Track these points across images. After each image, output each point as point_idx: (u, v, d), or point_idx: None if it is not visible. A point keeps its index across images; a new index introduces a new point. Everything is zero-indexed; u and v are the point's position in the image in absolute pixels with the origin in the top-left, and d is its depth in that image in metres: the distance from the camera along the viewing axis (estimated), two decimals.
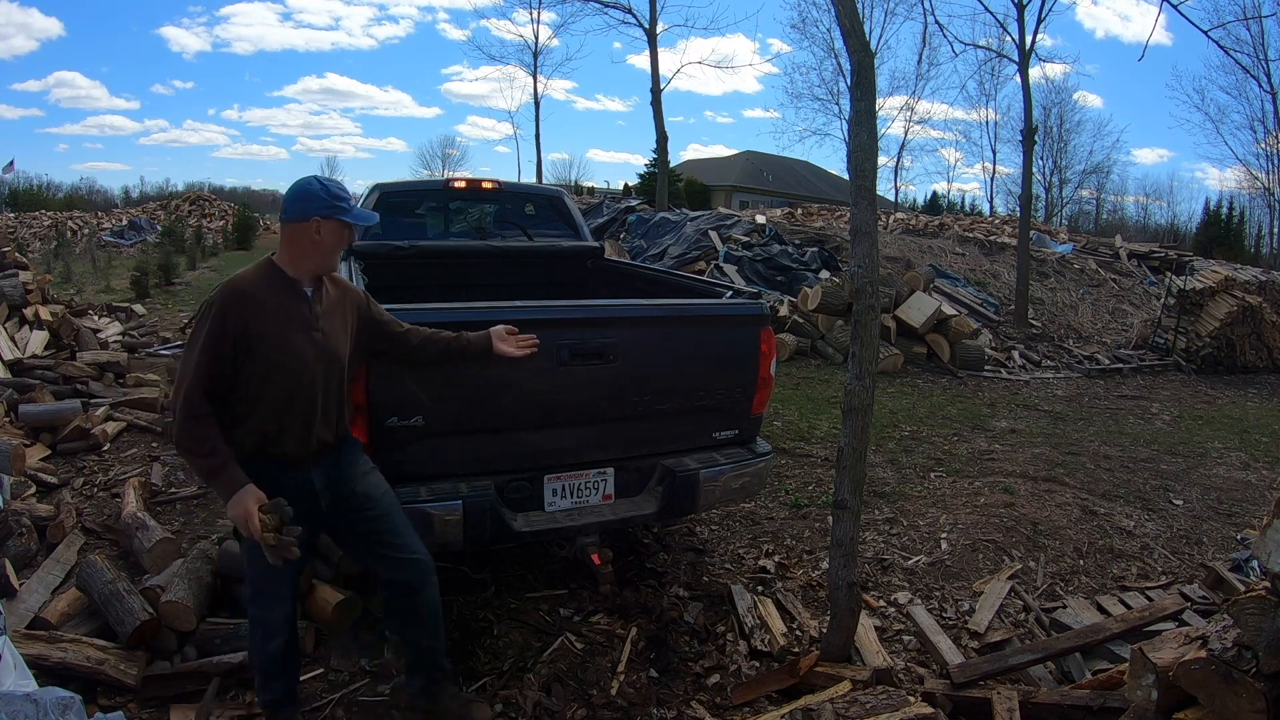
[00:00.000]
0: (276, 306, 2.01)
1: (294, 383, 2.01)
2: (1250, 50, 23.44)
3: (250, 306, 1.97)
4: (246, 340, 1.95)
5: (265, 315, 1.98)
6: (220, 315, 1.94)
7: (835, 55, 28.26)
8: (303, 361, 2.02)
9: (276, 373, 1.99)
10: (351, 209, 2.07)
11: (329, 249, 2.07)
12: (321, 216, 2.02)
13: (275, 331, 1.98)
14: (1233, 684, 1.81)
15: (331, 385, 2.10)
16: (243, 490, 1.91)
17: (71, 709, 1.93)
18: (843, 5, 2.52)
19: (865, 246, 2.55)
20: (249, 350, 1.95)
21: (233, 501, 1.91)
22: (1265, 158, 29.15)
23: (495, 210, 5.37)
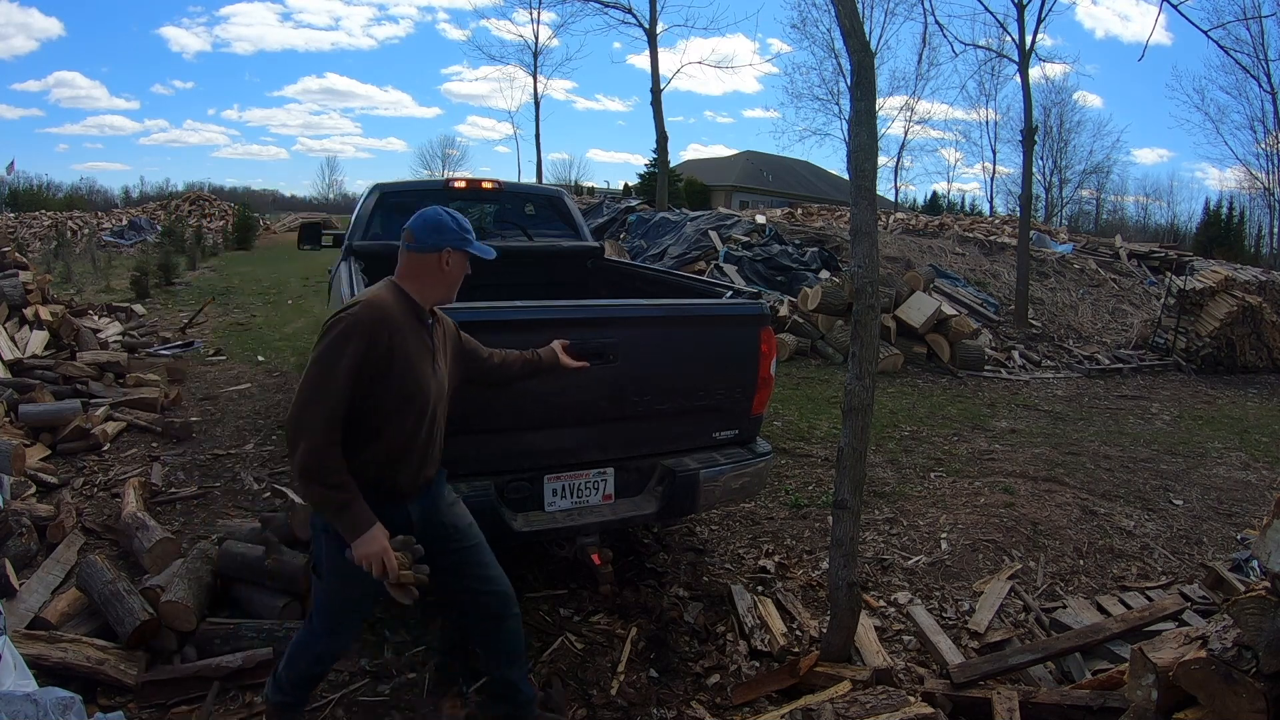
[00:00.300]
0: (411, 333, 1.94)
1: (418, 416, 1.94)
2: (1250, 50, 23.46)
3: (394, 329, 1.88)
4: (387, 365, 1.86)
5: (404, 341, 1.90)
6: (369, 334, 1.83)
7: (835, 55, 28.26)
8: (426, 394, 1.96)
9: (407, 404, 1.91)
10: (474, 242, 2.06)
11: (454, 280, 2.03)
12: (453, 247, 2.00)
13: (410, 360, 1.91)
14: (1233, 684, 1.81)
15: (441, 420, 2.06)
16: (375, 528, 1.81)
17: (71, 709, 1.93)
18: (843, 5, 2.52)
19: (865, 246, 2.55)
20: (384, 377, 1.86)
21: (364, 540, 1.80)
22: (1265, 158, 29.19)
23: (495, 210, 5.37)
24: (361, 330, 1.82)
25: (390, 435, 1.91)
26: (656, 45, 20.53)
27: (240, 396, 5.91)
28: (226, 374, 6.63)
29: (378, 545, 1.80)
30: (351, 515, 1.80)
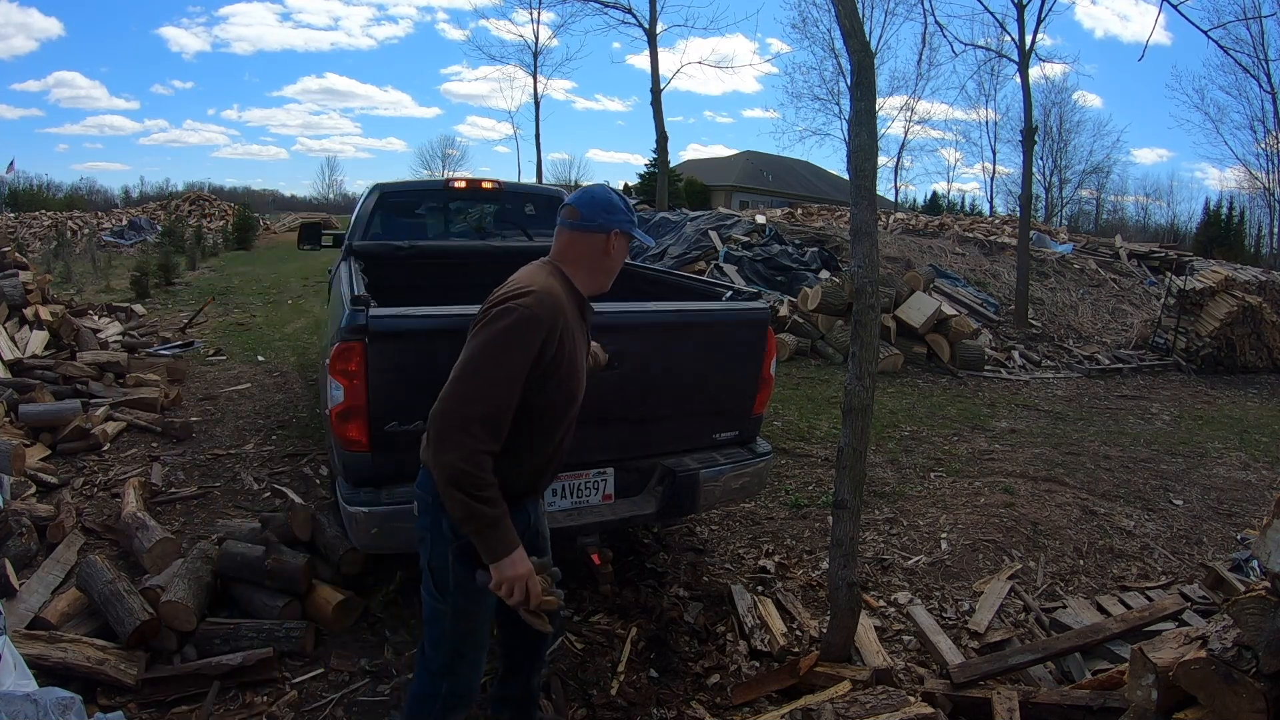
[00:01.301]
0: (575, 326, 1.75)
1: (575, 415, 1.79)
2: (1250, 50, 23.47)
3: (564, 324, 1.69)
4: (557, 363, 1.67)
5: (572, 336, 1.72)
6: (541, 328, 1.63)
7: (835, 55, 28.26)
8: (581, 389, 1.80)
9: (569, 405, 1.74)
10: (638, 227, 1.86)
11: (615, 269, 1.84)
12: (620, 230, 1.79)
13: (576, 357, 1.74)
14: (1233, 684, 1.80)
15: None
16: (520, 550, 1.63)
17: (71, 709, 1.93)
18: (843, 5, 2.52)
19: (865, 246, 2.55)
20: (553, 376, 1.67)
21: (509, 562, 1.60)
22: (1265, 157, 29.21)
23: (495, 210, 5.37)
24: (538, 324, 1.62)
25: (545, 439, 1.74)
26: (656, 45, 20.55)
27: (240, 396, 5.91)
28: (226, 374, 6.63)
29: (525, 568, 1.62)
30: (499, 534, 1.60)
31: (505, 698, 2.16)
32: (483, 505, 1.57)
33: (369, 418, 2.47)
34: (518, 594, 1.61)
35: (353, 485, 2.55)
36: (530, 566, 1.63)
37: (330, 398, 2.50)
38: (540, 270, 1.77)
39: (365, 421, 2.47)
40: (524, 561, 1.62)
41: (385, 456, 2.47)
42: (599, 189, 1.84)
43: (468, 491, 1.56)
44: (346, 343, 2.42)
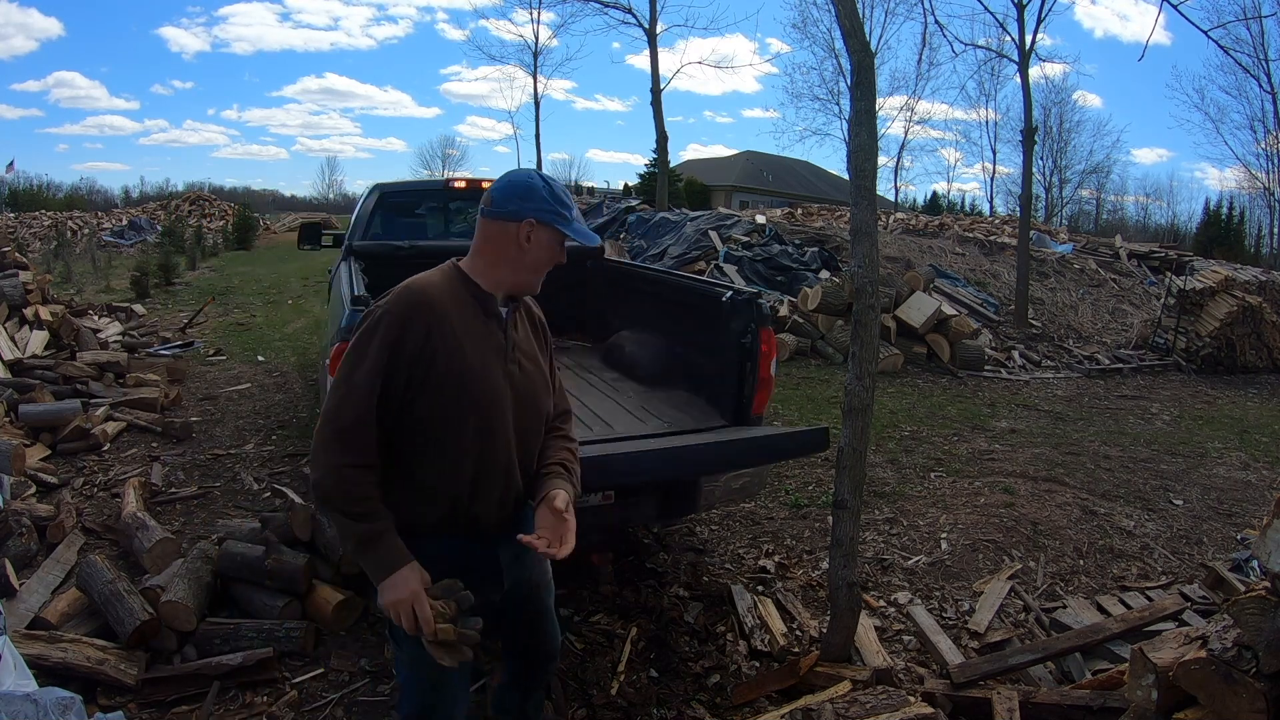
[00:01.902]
0: (465, 324, 1.56)
1: (484, 428, 1.55)
2: (1250, 50, 23.39)
3: (438, 317, 1.52)
4: (429, 363, 1.49)
5: (453, 331, 1.53)
6: (401, 323, 1.49)
7: (835, 55, 28.20)
8: (494, 399, 1.56)
9: (466, 412, 1.52)
10: (574, 221, 1.62)
11: (534, 265, 1.60)
12: (537, 219, 1.57)
13: (463, 354, 1.53)
14: (1233, 684, 1.80)
15: (531, 437, 1.66)
16: (405, 569, 1.46)
17: (71, 709, 1.93)
18: (843, 5, 2.52)
19: (865, 246, 2.55)
20: (429, 378, 1.50)
21: (389, 584, 1.45)
22: (1265, 158, 29.15)
23: None
24: (391, 320, 1.49)
25: (451, 453, 1.53)
26: (656, 45, 20.51)
27: (240, 396, 5.91)
28: (226, 374, 6.63)
29: (406, 590, 1.45)
30: (380, 552, 1.47)
31: (505, 708, 2.02)
32: (353, 521, 1.47)
33: None
34: (407, 621, 1.45)
35: None
36: (416, 588, 1.45)
37: None
38: (432, 270, 1.64)
39: None
40: (408, 582, 1.45)
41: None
42: (520, 173, 1.65)
43: (337, 507, 1.48)
44: (347, 342, 2.42)
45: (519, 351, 1.64)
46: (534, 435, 1.67)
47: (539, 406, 1.67)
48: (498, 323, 1.61)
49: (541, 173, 1.66)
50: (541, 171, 1.65)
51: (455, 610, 1.48)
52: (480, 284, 1.60)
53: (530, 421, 1.65)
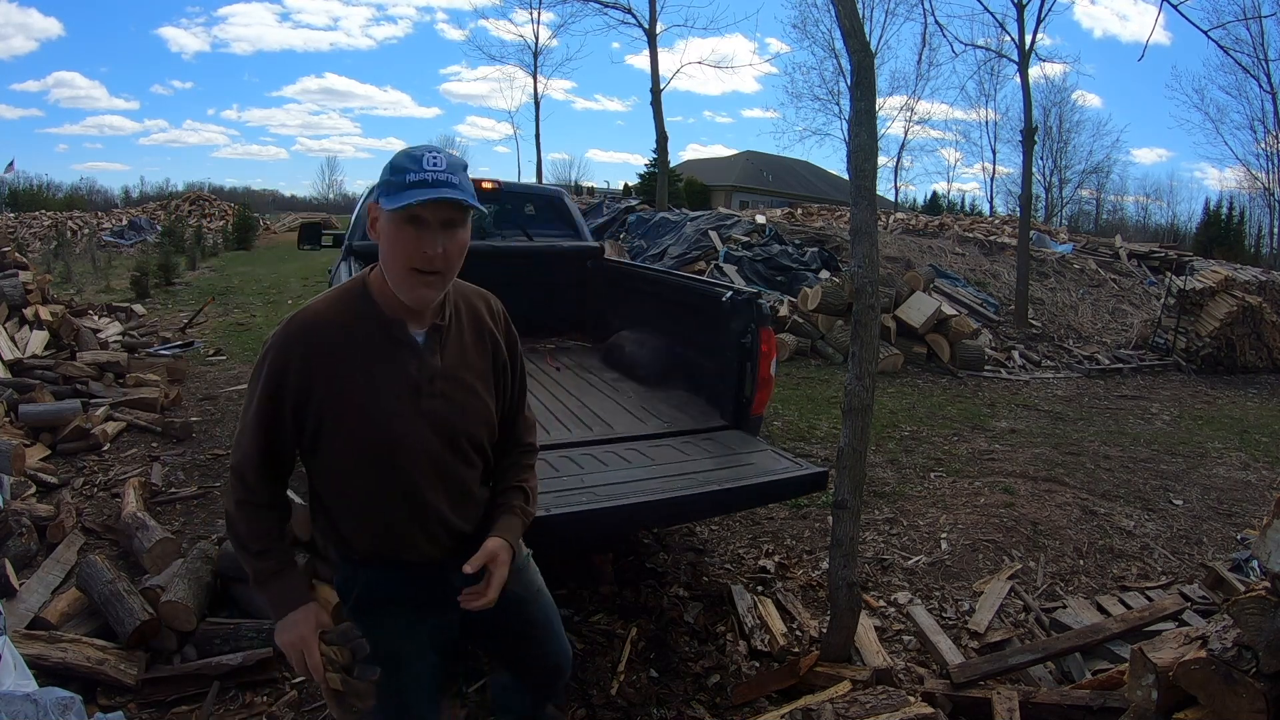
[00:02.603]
0: (362, 351, 1.35)
1: (395, 471, 1.37)
2: (1250, 50, 23.41)
3: (316, 350, 1.34)
4: (318, 405, 1.34)
5: (339, 365, 1.34)
6: (275, 363, 1.33)
7: (835, 55, 28.24)
8: (395, 441, 1.36)
9: (364, 455, 1.36)
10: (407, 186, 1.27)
11: (396, 257, 1.31)
12: (378, 200, 1.32)
13: (352, 392, 1.34)
14: (1233, 684, 1.80)
15: (463, 461, 1.46)
16: (299, 611, 1.39)
17: (71, 709, 1.93)
18: (843, 5, 2.52)
19: (865, 246, 2.55)
20: (322, 421, 1.35)
21: (282, 625, 1.40)
22: (1265, 157, 29.18)
23: (495, 210, 5.37)
24: (273, 356, 1.34)
25: (363, 495, 1.39)
26: (656, 45, 20.53)
27: (240, 396, 5.90)
28: (226, 374, 6.63)
29: (294, 634, 1.37)
30: (272, 590, 1.40)
31: (509, 709, 1.91)
32: (250, 557, 1.41)
33: None
34: (295, 664, 1.38)
35: None
36: (306, 633, 1.36)
37: None
38: (335, 288, 1.47)
39: None
40: (297, 626, 1.37)
41: None
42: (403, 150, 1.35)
43: (236, 543, 1.42)
44: None
45: (440, 381, 1.40)
46: (463, 467, 1.46)
47: (469, 438, 1.45)
48: (406, 348, 1.37)
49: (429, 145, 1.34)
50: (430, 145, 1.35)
51: (349, 658, 1.39)
52: (381, 305, 1.37)
53: (454, 456, 1.44)
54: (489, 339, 1.50)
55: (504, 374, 1.53)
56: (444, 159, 1.30)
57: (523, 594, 1.63)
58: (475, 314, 1.49)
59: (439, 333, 1.41)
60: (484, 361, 1.48)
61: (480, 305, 1.52)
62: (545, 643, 1.73)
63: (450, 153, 1.33)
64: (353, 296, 1.39)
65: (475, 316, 1.49)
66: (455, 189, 1.27)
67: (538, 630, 1.71)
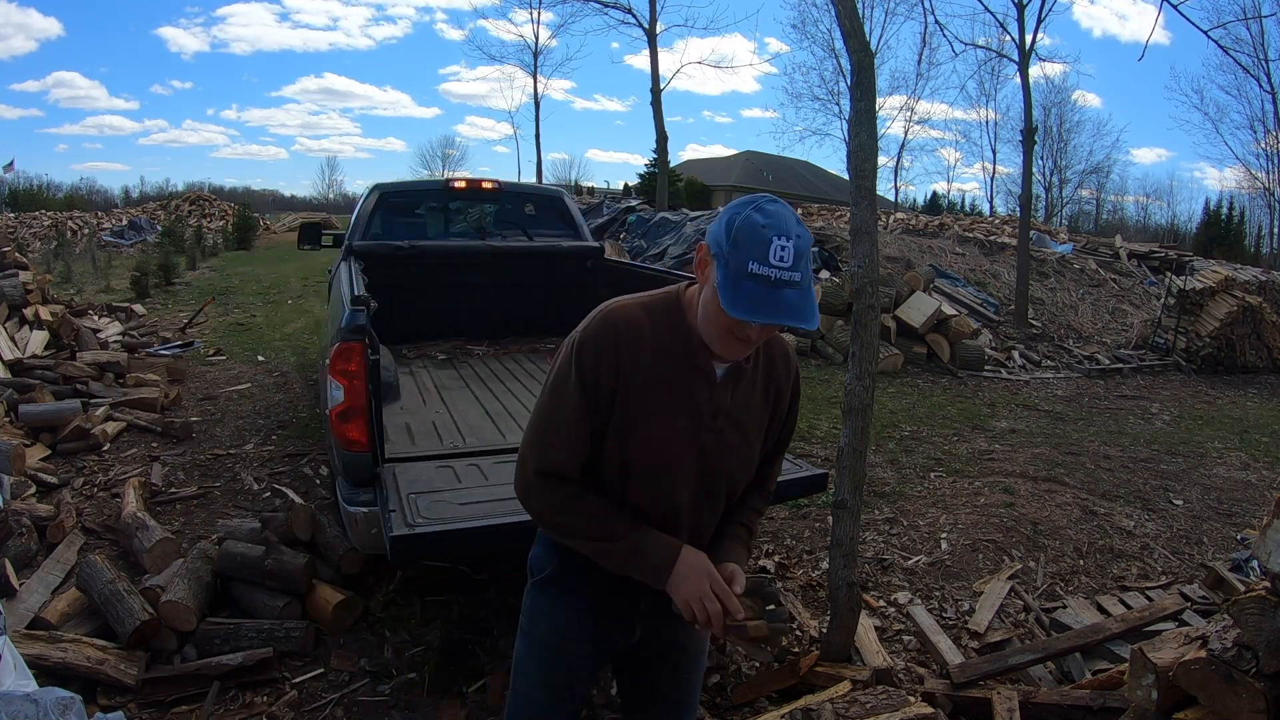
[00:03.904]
0: (663, 364, 1.31)
1: (650, 485, 1.34)
2: (1250, 50, 23.43)
3: (632, 351, 1.29)
4: (618, 395, 1.30)
5: (644, 370, 1.30)
6: (594, 350, 1.29)
7: (835, 55, 28.22)
8: (676, 464, 1.33)
9: (631, 461, 1.33)
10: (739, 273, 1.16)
11: (709, 317, 1.25)
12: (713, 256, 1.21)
13: (650, 398, 1.30)
14: (1233, 684, 1.80)
15: (711, 499, 1.41)
16: (683, 562, 1.30)
17: (71, 709, 1.93)
18: (843, 5, 2.52)
19: (865, 246, 2.55)
20: (615, 412, 1.31)
21: (679, 575, 1.29)
22: (1265, 157, 29.18)
23: (495, 210, 5.37)
24: (591, 344, 1.30)
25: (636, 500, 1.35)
26: (656, 45, 20.54)
27: (240, 396, 5.91)
28: (226, 374, 6.63)
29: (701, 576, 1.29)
30: (647, 557, 1.31)
31: None
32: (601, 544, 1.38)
33: (377, 422, 2.48)
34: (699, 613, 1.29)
35: (353, 485, 2.55)
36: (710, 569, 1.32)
37: (330, 398, 2.50)
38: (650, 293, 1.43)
39: (365, 421, 2.47)
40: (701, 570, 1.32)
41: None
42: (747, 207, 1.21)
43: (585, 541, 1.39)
44: (347, 343, 2.43)
45: (723, 418, 1.35)
46: (709, 504, 1.42)
47: (729, 479, 1.41)
48: (705, 379, 1.33)
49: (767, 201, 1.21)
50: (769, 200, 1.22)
51: (761, 606, 1.35)
52: (693, 329, 1.31)
53: (718, 490, 1.41)
54: (774, 389, 1.44)
55: (777, 424, 1.48)
56: (792, 250, 1.16)
57: (685, 642, 1.55)
58: (770, 361, 1.43)
59: (739, 373, 1.36)
60: (765, 410, 1.43)
61: (777, 354, 1.45)
62: (677, 701, 1.61)
63: (799, 226, 1.19)
64: (670, 309, 1.34)
65: (770, 364, 1.43)
66: (796, 289, 1.16)
67: (672, 687, 1.59)
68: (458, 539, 2.28)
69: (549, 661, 1.49)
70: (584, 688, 1.54)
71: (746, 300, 1.15)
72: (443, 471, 2.68)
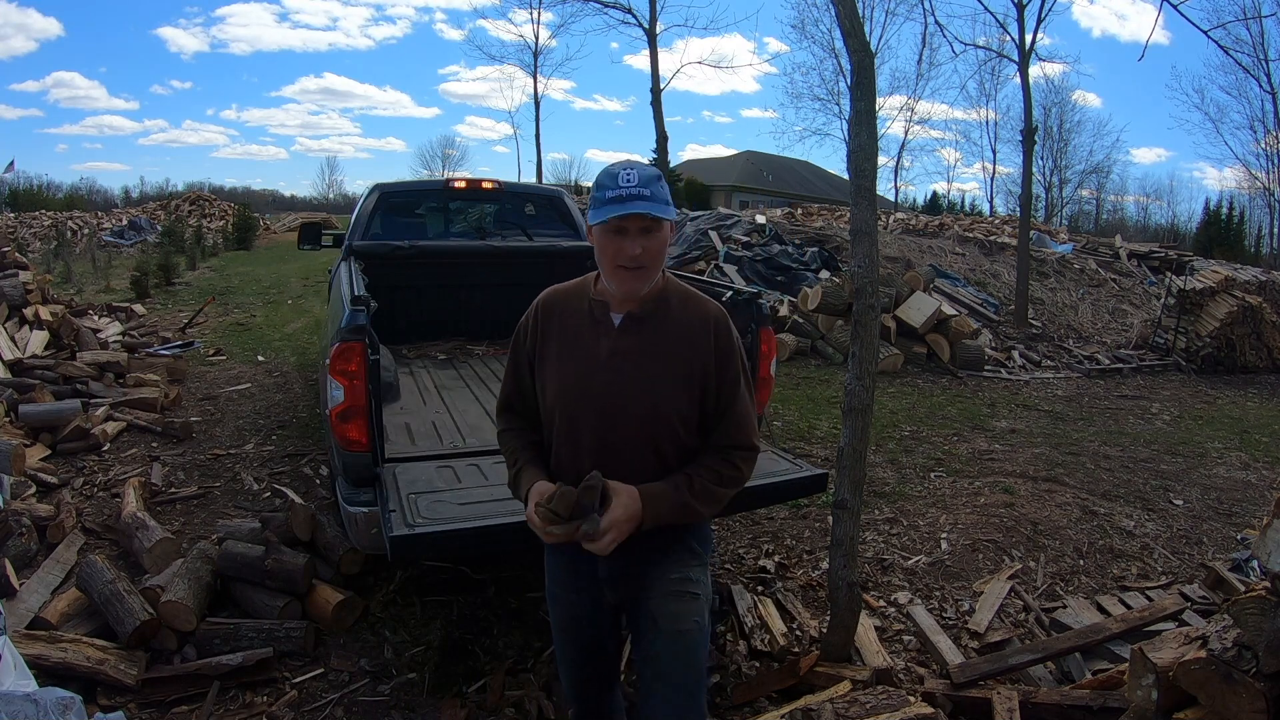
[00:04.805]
0: (573, 324, 1.64)
1: (568, 429, 1.60)
2: (1250, 50, 23.42)
3: (546, 318, 1.66)
4: (535, 347, 1.67)
5: (556, 330, 1.64)
6: (522, 321, 1.70)
7: (835, 55, 28.21)
8: (577, 404, 1.58)
9: (552, 409, 1.62)
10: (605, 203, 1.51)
11: (600, 259, 1.57)
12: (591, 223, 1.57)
13: (559, 351, 1.63)
14: (1233, 684, 1.80)
15: (629, 448, 1.57)
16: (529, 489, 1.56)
17: (71, 709, 1.93)
18: (843, 5, 2.52)
19: (865, 246, 2.55)
20: (537, 367, 1.66)
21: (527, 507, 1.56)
22: (1265, 157, 29.17)
23: (495, 210, 5.37)
24: (524, 319, 1.71)
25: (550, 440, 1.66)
26: (656, 45, 20.54)
27: (240, 396, 5.91)
28: (226, 374, 6.63)
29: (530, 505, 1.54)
30: (519, 486, 1.61)
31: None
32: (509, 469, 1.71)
33: (375, 419, 2.48)
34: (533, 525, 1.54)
35: (353, 485, 2.55)
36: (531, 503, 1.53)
37: (330, 398, 2.50)
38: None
39: (365, 421, 2.47)
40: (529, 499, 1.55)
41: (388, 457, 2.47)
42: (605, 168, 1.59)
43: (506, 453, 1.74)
44: (346, 343, 2.43)
45: (625, 356, 1.58)
46: (622, 443, 1.57)
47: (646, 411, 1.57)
48: (603, 327, 1.61)
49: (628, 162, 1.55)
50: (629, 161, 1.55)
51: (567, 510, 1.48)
52: (591, 289, 1.66)
53: (614, 428, 1.57)
54: (690, 344, 1.60)
55: (709, 381, 1.60)
56: (636, 174, 1.51)
57: (659, 616, 1.59)
58: (686, 320, 1.62)
59: (639, 321, 1.60)
60: (681, 363, 1.59)
61: (695, 315, 1.62)
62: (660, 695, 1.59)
63: (644, 164, 1.54)
64: (583, 283, 1.69)
65: (686, 323, 1.61)
66: (648, 201, 1.49)
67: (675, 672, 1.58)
68: (458, 539, 2.28)
69: (555, 610, 1.74)
70: (588, 633, 1.72)
71: (604, 213, 1.49)
72: (443, 471, 2.68)
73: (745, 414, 1.64)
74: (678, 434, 1.59)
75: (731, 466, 1.61)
